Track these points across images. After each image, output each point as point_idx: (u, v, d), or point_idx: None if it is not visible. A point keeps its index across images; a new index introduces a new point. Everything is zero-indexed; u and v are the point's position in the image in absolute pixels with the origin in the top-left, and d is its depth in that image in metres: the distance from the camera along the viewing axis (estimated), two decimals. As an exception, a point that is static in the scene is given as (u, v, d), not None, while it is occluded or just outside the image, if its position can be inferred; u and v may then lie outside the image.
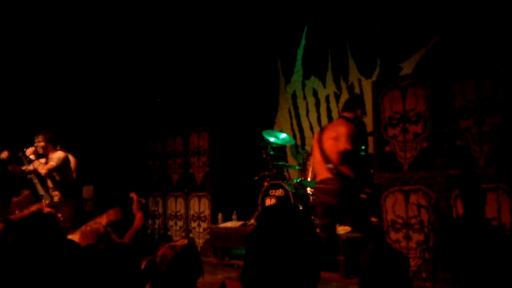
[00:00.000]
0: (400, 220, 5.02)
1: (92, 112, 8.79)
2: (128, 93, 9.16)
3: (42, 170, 5.65)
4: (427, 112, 4.89)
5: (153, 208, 8.58)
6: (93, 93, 8.81)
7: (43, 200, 5.23)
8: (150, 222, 8.59)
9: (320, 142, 4.82)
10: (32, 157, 5.65)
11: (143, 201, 3.49)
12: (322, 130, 4.99)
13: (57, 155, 5.79)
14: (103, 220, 3.66)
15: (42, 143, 5.78)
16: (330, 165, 4.57)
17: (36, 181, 5.84)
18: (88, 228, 3.45)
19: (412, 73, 5.85)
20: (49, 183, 5.82)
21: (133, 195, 3.54)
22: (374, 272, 1.99)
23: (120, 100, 9.11)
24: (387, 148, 5.18)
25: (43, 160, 5.82)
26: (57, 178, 5.76)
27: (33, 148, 5.74)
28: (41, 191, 5.80)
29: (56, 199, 5.77)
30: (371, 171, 5.44)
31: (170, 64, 8.92)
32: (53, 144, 5.88)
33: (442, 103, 4.80)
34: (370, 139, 5.71)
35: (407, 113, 5.05)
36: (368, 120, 5.68)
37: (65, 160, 5.84)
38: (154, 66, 9.03)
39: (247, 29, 8.27)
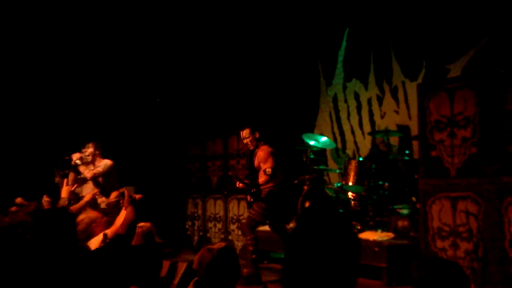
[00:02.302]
0: (446, 228, 4.82)
1: (135, 117, 9.00)
2: (170, 98, 9.29)
3: (88, 174, 5.80)
4: (477, 116, 4.68)
5: (192, 210, 8.63)
6: (137, 99, 9.02)
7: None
8: (189, 223, 8.65)
9: None
10: (78, 162, 5.80)
11: (137, 196, 3.50)
12: None
13: (104, 162, 5.97)
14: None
15: (91, 149, 5.98)
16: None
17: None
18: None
19: (461, 76, 5.63)
20: (95, 190, 5.98)
21: (123, 190, 3.58)
22: (430, 284, 1.88)
23: (162, 105, 9.26)
24: (433, 153, 4.98)
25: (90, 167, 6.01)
26: (102, 184, 5.93)
27: (79, 154, 5.88)
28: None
29: (103, 205, 5.89)
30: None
31: (210, 67, 8.97)
32: (101, 152, 6.05)
33: (493, 106, 4.58)
34: (415, 143, 5.53)
35: (455, 117, 4.84)
36: (413, 124, 5.51)
37: (112, 168, 5.99)
38: (195, 69, 9.10)
39: (288, 31, 8.20)
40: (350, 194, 6.40)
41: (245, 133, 5.86)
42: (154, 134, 9.11)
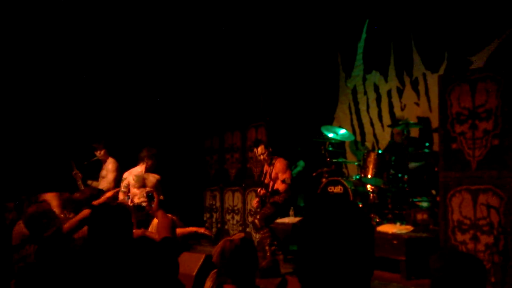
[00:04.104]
0: (467, 221, 4.77)
1: (155, 110, 9.09)
2: (189, 90, 9.33)
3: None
4: (499, 108, 4.60)
5: (210, 202, 8.69)
6: (156, 92, 9.10)
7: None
8: (207, 215, 8.71)
9: None
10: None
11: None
12: None
13: (113, 161, 6.68)
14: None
15: (104, 149, 6.82)
16: None
17: (79, 182, 6.69)
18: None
19: (483, 67, 5.54)
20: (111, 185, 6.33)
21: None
22: (448, 276, 1.87)
23: (180, 98, 9.31)
24: (454, 146, 4.93)
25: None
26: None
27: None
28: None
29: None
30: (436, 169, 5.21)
31: (229, 60, 8.97)
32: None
33: (516, 98, 4.50)
34: (436, 136, 5.48)
35: (476, 109, 4.78)
36: (434, 116, 5.45)
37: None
38: (214, 62, 9.12)
39: (307, 23, 8.15)
40: (369, 186, 6.36)
41: (260, 149, 6.24)
42: (172, 127, 9.17)
